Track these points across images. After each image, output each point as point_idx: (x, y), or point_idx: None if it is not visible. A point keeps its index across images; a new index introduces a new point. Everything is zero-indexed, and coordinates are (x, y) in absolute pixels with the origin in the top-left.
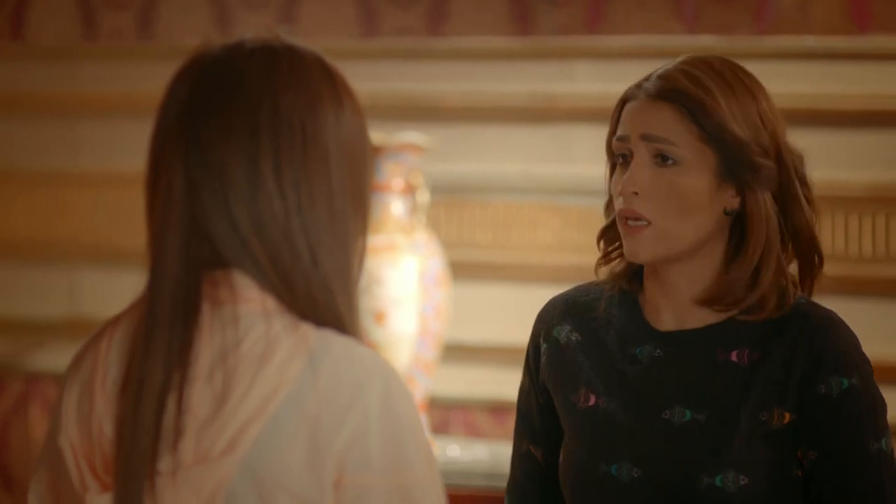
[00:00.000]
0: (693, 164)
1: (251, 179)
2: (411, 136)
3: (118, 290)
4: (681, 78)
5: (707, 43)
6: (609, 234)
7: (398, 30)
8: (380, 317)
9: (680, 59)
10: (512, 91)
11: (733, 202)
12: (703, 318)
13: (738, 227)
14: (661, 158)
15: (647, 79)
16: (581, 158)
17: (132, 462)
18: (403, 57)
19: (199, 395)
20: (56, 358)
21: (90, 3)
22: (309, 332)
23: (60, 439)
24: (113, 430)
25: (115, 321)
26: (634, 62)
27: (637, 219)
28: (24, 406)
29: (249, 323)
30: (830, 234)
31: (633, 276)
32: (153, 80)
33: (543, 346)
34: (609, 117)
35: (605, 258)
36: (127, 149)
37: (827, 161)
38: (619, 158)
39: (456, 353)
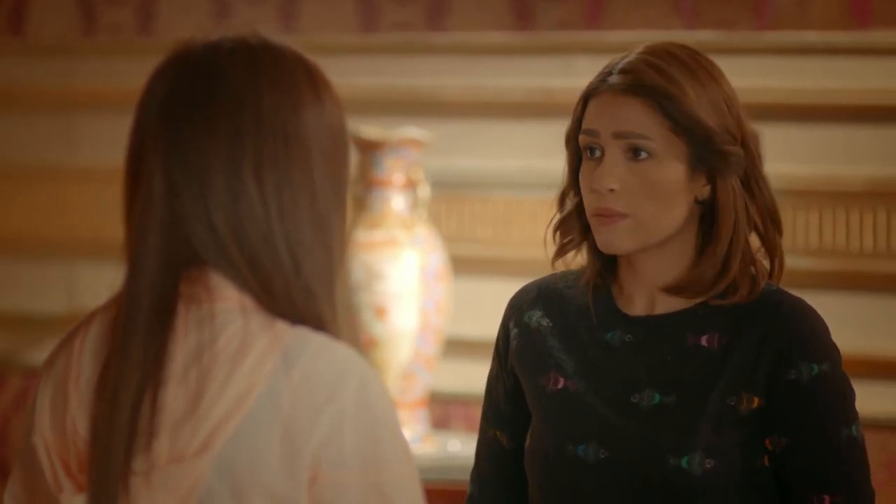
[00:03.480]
0: (666, 156)
1: (232, 184)
2: (411, 131)
3: (116, 284)
4: (647, 70)
5: (706, 38)
6: (565, 227)
7: (397, 25)
8: (380, 312)
9: (640, 48)
10: (512, 86)
11: (704, 191)
12: (674, 303)
13: (707, 215)
14: (634, 153)
15: (609, 72)
16: None
17: (107, 462)
18: (403, 52)
19: (173, 395)
20: None
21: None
22: (284, 329)
23: (34, 439)
24: (87, 430)
25: (87, 320)
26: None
27: (614, 214)
28: (24, 401)
29: (225, 319)
30: (831, 229)
31: (605, 268)
32: None
33: (514, 331)
34: None
35: (561, 251)
36: (125, 144)
37: (826, 156)
38: (587, 152)
39: (457, 347)
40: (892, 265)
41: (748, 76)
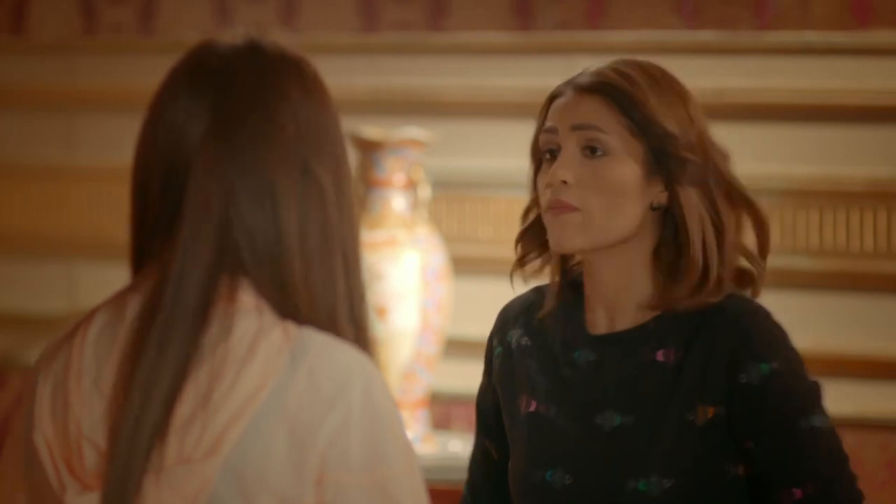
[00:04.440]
0: (621, 154)
1: (289, 193)
2: (412, 131)
3: (117, 283)
4: (611, 73)
5: (707, 38)
6: (525, 240)
7: (398, 24)
8: (381, 312)
9: (612, 60)
10: (512, 86)
11: (661, 197)
12: (633, 318)
13: (669, 225)
14: (591, 150)
15: (577, 76)
16: None
17: (129, 457)
18: (403, 52)
19: (184, 394)
20: None
21: None
22: (290, 329)
23: (36, 438)
24: (95, 428)
25: (88, 318)
26: (635, 57)
27: (566, 207)
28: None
29: (239, 319)
30: (831, 229)
31: (575, 285)
32: (153, 74)
33: (497, 350)
34: None
35: (519, 263)
36: (126, 143)
37: (827, 156)
38: (545, 154)
39: (457, 347)
40: (893, 265)
41: (749, 76)
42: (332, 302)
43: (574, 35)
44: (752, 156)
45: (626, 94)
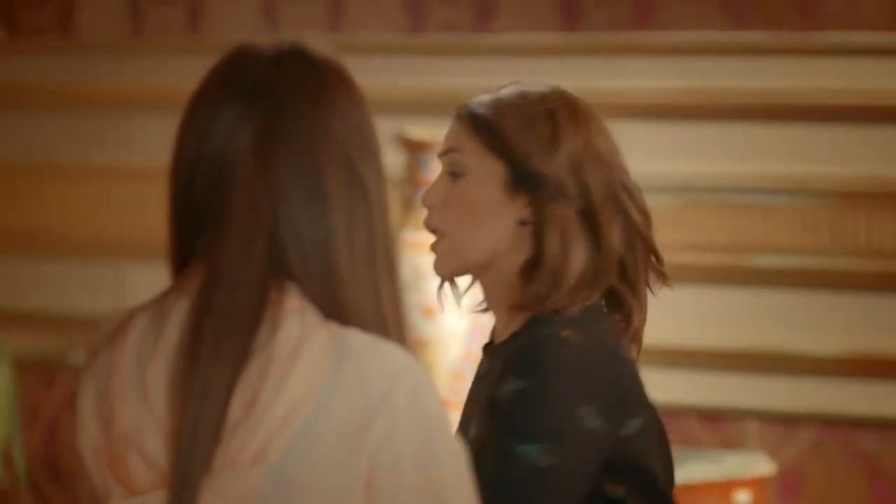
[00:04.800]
0: (479, 174)
1: (349, 195)
2: None
3: (166, 284)
4: (481, 100)
5: (755, 38)
6: None
7: (445, 25)
8: (429, 312)
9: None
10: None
11: (524, 212)
12: (506, 332)
13: (538, 240)
14: (454, 175)
15: None
16: (629, 155)
17: (189, 463)
18: (450, 52)
19: (235, 397)
20: None
21: None
22: (335, 331)
23: (80, 441)
24: (141, 434)
25: (130, 320)
26: (682, 58)
27: (435, 231)
28: (74, 401)
29: (283, 321)
30: (879, 229)
31: None
32: (201, 74)
33: None
34: (656, 114)
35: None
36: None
37: (875, 157)
38: None
39: None
40: None
41: (797, 76)
42: (378, 302)
43: (621, 36)
44: (791, 155)
45: (481, 116)
